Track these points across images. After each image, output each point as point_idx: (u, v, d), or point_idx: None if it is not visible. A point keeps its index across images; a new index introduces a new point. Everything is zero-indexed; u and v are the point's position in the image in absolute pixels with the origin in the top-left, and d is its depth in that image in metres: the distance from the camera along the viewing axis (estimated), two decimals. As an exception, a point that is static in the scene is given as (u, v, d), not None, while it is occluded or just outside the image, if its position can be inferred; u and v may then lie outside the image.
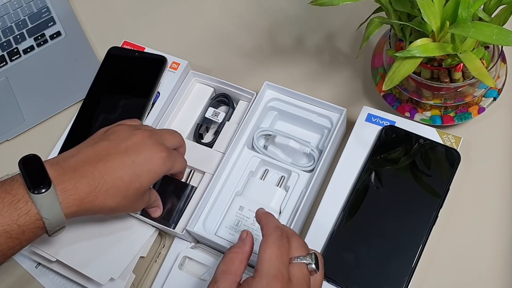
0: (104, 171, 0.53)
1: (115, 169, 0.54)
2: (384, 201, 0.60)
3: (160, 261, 0.65)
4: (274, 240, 0.47)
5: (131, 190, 0.55)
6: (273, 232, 0.48)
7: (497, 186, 0.63)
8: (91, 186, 0.52)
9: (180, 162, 0.61)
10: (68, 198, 0.51)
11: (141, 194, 0.57)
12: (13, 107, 0.80)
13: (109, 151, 0.55)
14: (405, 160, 0.62)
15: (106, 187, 0.53)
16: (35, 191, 0.49)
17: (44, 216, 0.50)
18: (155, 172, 0.56)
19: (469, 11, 0.52)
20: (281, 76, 0.76)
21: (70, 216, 0.53)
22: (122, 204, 0.55)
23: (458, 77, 0.60)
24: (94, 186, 0.53)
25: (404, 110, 0.67)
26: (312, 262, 0.48)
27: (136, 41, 0.77)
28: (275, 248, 0.47)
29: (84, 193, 0.52)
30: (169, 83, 0.73)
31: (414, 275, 0.56)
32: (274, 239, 0.48)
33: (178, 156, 0.61)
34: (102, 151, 0.55)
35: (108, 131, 0.59)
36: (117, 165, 0.54)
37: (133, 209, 0.60)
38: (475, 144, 0.66)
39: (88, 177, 0.53)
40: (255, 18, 0.83)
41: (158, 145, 0.57)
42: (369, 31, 0.60)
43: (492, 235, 0.61)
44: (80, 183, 0.52)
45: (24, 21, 0.88)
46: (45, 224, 0.51)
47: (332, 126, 0.66)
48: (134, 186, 0.55)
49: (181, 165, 0.62)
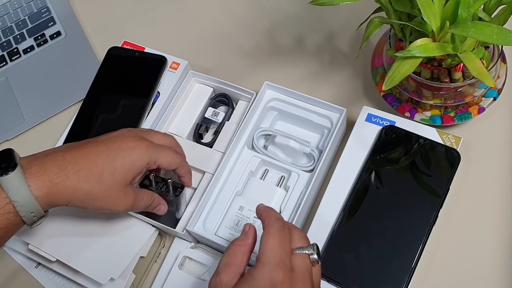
0: (77, 155, 0.53)
1: (89, 153, 0.54)
2: (384, 201, 0.60)
3: (160, 261, 0.65)
4: (276, 230, 0.47)
5: (106, 174, 0.54)
6: (275, 223, 0.48)
7: (497, 186, 0.63)
8: (61, 166, 0.52)
9: (166, 156, 0.59)
10: (38, 180, 0.51)
11: (119, 183, 0.55)
12: (13, 107, 0.80)
13: (87, 142, 0.56)
14: (405, 160, 0.62)
15: (77, 168, 0.53)
16: (2, 174, 0.50)
17: (12, 199, 0.50)
18: (132, 158, 0.55)
19: (469, 11, 0.52)
20: (281, 76, 0.76)
21: (44, 200, 0.52)
22: (97, 189, 0.54)
23: (458, 77, 0.60)
24: (64, 167, 0.52)
25: (404, 110, 0.67)
26: (314, 252, 0.48)
27: (136, 41, 0.77)
28: (277, 238, 0.47)
29: (53, 174, 0.52)
30: (169, 83, 0.73)
31: (414, 275, 0.56)
32: (276, 229, 0.47)
33: (163, 150, 0.58)
34: (80, 143, 0.56)
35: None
36: (92, 150, 0.54)
37: (116, 202, 0.56)
38: (475, 144, 0.66)
39: (58, 160, 0.52)
40: (255, 18, 0.82)
41: (137, 137, 0.57)
42: (369, 31, 0.60)
43: (492, 235, 0.61)
44: (49, 164, 0.52)
45: (24, 21, 0.88)
46: (16, 208, 0.50)
47: (332, 126, 0.66)
48: (109, 170, 0.54)
49: (168, 158, 0.59)
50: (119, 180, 0.55)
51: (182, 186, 0.62)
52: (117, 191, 0.55)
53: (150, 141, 0.58)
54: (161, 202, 0.61)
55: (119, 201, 0.56)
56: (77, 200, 0.54)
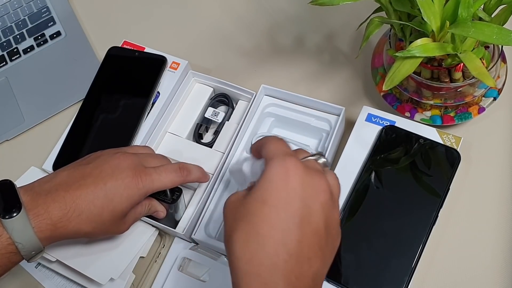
0: (76, 195, 0.53)
1: (88, 193, 0.53)
2: (384, 201, 0.60)
3: (160, 261, 0.65)
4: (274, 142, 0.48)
5: (105, 214, 0.54)
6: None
7: (497, 186, 0.63)
8: (63, 210, 0.52)
9: (163, 181, 0.57)
10: (41, 223, 0.51)
11: (118, 218, 0.56)
12: (13, 107, 0.80)
13: (84, 175, 0.55)
14: (405, 160, 0.62)
15: (78, 212, 0.53)
16: (6, 216, 0.50)
17: (16, 241, 0.50)
18: (128, 194, 0.55)
19: (469, 11, 0.52)
20: (281, 76, 0.76)
21: (46, 241, 0.52)
22: (98, 229, 0.55)
23: (458, 77, 0.60)
24: (66, 211, 0.52)
25: (404, 110, 0.67)
26: (322, 156, 0.48)
27: (136, 41, 0.77)
28: (279, 141, 0.48)
29: (56, 218, 0.52)
30: (169, 83, 0.73)
31: (414, 275, 0.56)
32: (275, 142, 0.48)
33: (160, 176, 0.57)
34: (77, 175, 0.55)
35: (91, 156, 0.58)
36: (90, 189, 0.53)
37: (118, 230, 0.58)
38: (475, 144, 0.65)
39: (60, 202, 0.52)
40: (255, 18, 0.82)
41: (133, 169, 0.56)
42: (369, 31, 0.60)
43: (492, 235, 0.60)
44: (52, 207, 0.52)
45: (24, 21, 0.88)
46: (18, 248, 0.50)
47: (331, 129, 0.66)
48: (107, 209, 0.54)
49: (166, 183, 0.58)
50: (118, 215, 0.55)
51: (180, 190, 0.62)
52: (117, 223, 0.56)
53: (146, 168, 0.57)
54: (158, 208, 0.61)
55: (119, 229, 0.58)
56: (79, 237, 0.55)
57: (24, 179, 0.72)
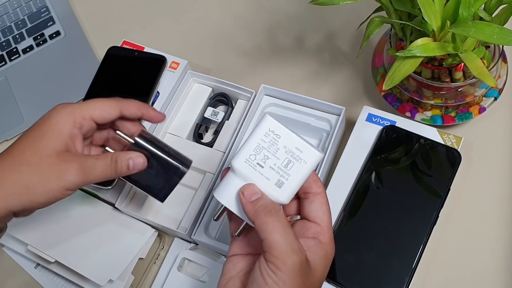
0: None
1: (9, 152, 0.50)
2: (385, 201, 0.60)
3: (159, 262, 0.65)
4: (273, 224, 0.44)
5: (29, 154, 0.49)
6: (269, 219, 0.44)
7: (498, 186, 0.63)
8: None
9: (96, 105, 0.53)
10: None
11: (48, 156, 0.49)
12: (12, 107, 0.80)
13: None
14: (406, 160, 0.62)
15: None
16: None
17: None
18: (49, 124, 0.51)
19: (470, 10, 0.51)
20: (281, 76, 0.76)
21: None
22: (27, 172, 0.48)
23: (458, 76, 0.60)
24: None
25: (404, 110, 0.66)
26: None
27: (135, 40, 0.77)
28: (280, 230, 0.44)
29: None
30: (169, 82, 0.72)
31: (414, 275, 0.56)
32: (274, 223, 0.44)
33: (91, 101, 0.54)
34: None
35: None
36: (10, 148, 0.51)
37: (53, 177, 0.49)
38: (476, 144, 0.65)
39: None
40: (255, 18, 0.82)
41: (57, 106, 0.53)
42: (369, 30, 0.60)
43: (493, 235, 0.60)
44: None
45: (24, 21, 0.88)
46: None
47: (331, 129, 0.66)
48: (30, 149, 0.49)
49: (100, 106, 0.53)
50: (46, 152, 0.49)
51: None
52: (50, 164, 0.49)
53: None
54: (130, 156, 0.53)
55: (58, 173, 0.49)
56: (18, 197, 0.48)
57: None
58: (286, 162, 0.46)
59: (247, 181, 0.46)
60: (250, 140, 0.46)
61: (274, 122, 0.46)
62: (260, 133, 0.46)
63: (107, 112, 0.53)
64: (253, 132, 0.47)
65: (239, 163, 0.46)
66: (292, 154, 0.46)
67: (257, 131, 0.46)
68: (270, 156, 0.46)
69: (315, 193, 0.48)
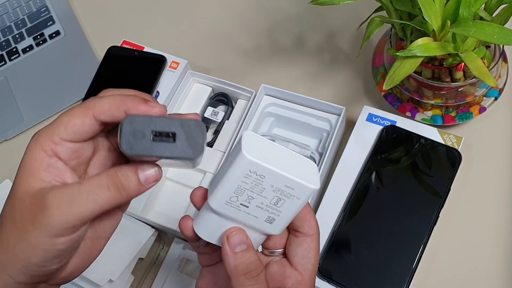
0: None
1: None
2: (385, 201, 0.60)
3: (159, 262, 0.65)
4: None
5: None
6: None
7: (498, 186, 0.63)
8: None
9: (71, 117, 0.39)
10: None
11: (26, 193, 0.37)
12: (12, 106, 0.80)
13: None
14: (406, 160, 0.62)
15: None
16: None
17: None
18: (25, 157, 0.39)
19: (470, 10, 0.51)
20: (281, 76, 0.76)
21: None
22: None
23: (459, 76, 0.60)
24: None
25: (405, 110, 0.66)
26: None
27: (135, 40, 0.77)
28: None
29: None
30: (169, 82, 0.72)
31: (415, 275, 0.56)
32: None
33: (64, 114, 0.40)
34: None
35: None
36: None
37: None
38: (476, 144, 0.65)
39: None
40: (255, 17, 0.82)
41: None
42: (369, 30, 0.60)
43: (493, 235, 0.60)
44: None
45: (23, 21, 0.88)
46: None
47: (331, 129, 0.66)
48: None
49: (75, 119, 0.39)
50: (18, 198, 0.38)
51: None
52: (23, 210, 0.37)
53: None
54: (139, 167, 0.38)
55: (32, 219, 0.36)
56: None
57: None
58: (275, 200, 0.38)
59: (232, 221, 0.39)
60: (227, 181, 0.37)
61: (253, 162, 0.36)
62: (239, 176, 0.37)
63: (75, 125, 0.38)
64: (229, 172, 0.37)
65: (218, 205, 0.38)
66: (282, 192, 0.38)
67: (234, 173, 0.37)
68: (255, 196, 0.38)
69: (305, 234, 0.42)
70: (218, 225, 0.39)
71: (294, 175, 0.37)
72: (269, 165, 0.37)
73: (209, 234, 0.40)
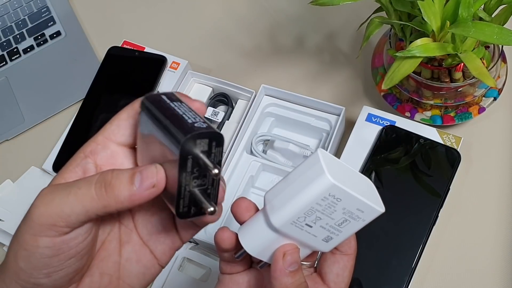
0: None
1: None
2: (384, 201, 0.59)
3: (159, 261, 0.65)
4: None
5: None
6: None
7: (498, 186, 0.63)
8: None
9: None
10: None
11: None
12: (13, 106, 0.80)
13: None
14: (405, 160, 0.62)
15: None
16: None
17: None
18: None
19: (470, 10, 0.51)
20: (281, 76, 0.76)
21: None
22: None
23: (458, 77, 0.60)
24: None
25: (404, 110, 0.67)
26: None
27: (136, 40, 0.77)
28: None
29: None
30: (169, 82, 0.73)
31: (414, 275, 0.56)
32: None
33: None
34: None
35: None
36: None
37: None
38: (475, 144, 0.65)
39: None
40: (255, 18, 0.82)
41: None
42: (369, 31, 0.60)
43: (492, 235, 0.60)
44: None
45: (24, 21, 0.88)
46: None
47: (331, 129, 0.66)
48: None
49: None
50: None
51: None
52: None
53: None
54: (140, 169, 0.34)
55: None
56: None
57: (24, 179, 0.72)
58: (341, 221, 0.37)
59: (288, 239, 0.38)
60: (301, 203, 0.36)
61: (336, 187, 0.35)
62: (316, 198, 0.35)
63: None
64: (305, 194, 0.36)
65: (283, 225, 0.36)
66: (351, 214, 0.37)
67: (312, 195, 0.35)
68: (324, 217, 0.37)
69: (343, 253, 0.41)
70: (272, 242, 0.38)
71: (367, 198, 0.37)
72: (349, 190, 0.35)
73: (257, 248, 0.38)
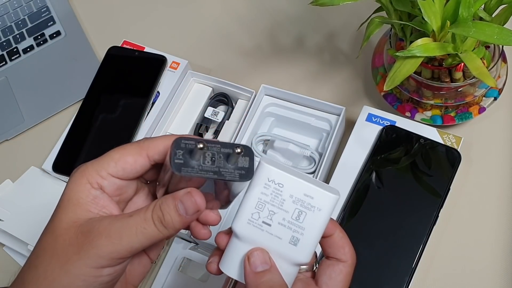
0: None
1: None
2: (385, 201, 0.60)
3: (159, 262, 0.65)
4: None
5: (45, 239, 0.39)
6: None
7: (498, 186, 0.63)
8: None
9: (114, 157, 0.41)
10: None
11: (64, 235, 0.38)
12: (13, 106, 0.80)
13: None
14: (406, 160, 0.62)
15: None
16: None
17: None
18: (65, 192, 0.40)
19: (470, 10, 0.51)
20: (281, 76, 0.76)
21: None
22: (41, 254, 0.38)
23: (458, 76, 0.60)
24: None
25: (404, 110, 0.67)
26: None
27: (136, 40, 0.77)
28: None
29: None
30: (169, 82, 0.73)
31: (414, 275, 0.56)
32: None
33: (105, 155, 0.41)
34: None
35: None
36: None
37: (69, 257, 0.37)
38: (475, 144, 0.65)
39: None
40: (256, 18, 0.82)
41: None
42: (369, 30, 0.60)
43: (492, 235, 0.60)
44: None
45: (24, 21, 0.88)
46: None
47: (331, 129, 0.66)
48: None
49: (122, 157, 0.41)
50: (62, 228, 0.38)
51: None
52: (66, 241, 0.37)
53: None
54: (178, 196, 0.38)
55: (78, 249, 0.37)
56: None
57: (24, 179, 0.72)
58: (296, 214, 0.38)
59: (255, 245, 0.38)
60: (248, 196, 0.38)
61: (272, 169, 0.38)
62: (259, 186, 0.38)
63: (126, 162, 0.39)
64: (250, 185, 0.38)
65: (241, 226, 0.38)
66: (302, 203, 0.38)
67: (255, 183, 0.38)
68: (276, 210, 0.38)
69: (339, 260, 0.41)
70: (241, 253, 0.38)
71: (313, 184, 0.38)
72: (286, 172, 0.37)
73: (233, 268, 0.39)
